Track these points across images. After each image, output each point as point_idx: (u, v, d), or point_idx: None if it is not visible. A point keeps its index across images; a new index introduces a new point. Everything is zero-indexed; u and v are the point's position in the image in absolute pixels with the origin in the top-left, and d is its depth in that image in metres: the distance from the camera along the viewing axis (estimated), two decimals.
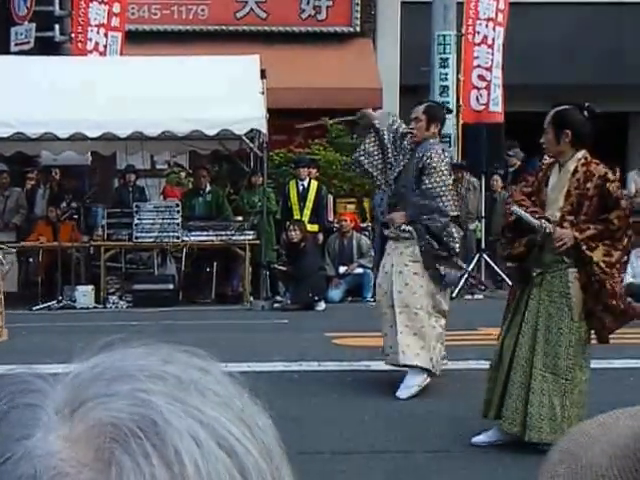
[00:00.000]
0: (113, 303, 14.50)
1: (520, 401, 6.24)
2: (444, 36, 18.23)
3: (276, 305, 14.35)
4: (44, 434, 0.64)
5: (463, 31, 18.50)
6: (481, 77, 18.62)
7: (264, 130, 14.27)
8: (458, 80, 18.52)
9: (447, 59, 18.34)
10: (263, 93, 14.45)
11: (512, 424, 6.27)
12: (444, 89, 18.37)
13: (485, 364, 6.96)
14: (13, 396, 0.67)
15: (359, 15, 19.95)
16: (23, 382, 0.68)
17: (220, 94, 14.04)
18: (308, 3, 19.96)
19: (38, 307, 14.28)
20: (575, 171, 6.31)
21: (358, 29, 19.99)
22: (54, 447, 0.64)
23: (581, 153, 6.35)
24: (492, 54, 18.64)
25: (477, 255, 16.10)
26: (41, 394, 0.67)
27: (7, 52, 17.47)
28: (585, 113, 6.39)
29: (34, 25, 18.25)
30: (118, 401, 0.66)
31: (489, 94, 18.67)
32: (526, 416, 6.19)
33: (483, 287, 16.12)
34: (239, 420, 0.68)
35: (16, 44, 18.19)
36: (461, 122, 18.11)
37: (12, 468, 0.63)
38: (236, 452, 0.67)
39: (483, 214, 16.59)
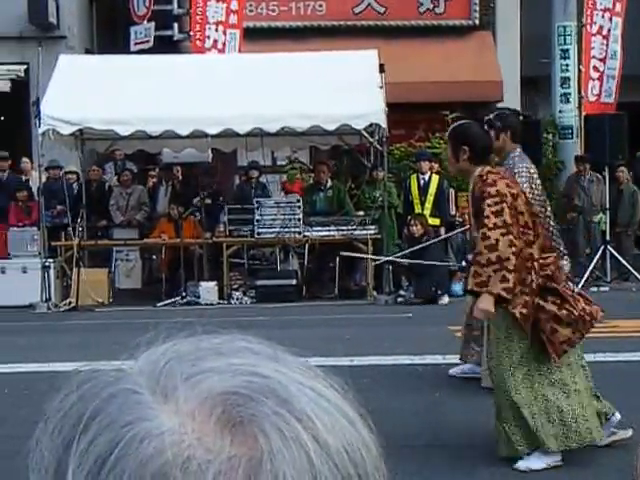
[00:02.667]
0: (237, 299, 14.52)
1: None
2: (564, 27, 17.94)
3: (399, 299, 14.21)
4: (154, 414, 0.65)
5: (583, 21, 18.19)
6: (595, 68, 18.34)
7: (384, 124, 14.16)
8: (579, 71, 18.21)
9: (568, 50, 18.04)
10: (382, 87, 14.32)
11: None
12: (565, 80, 18.07)
13: (614, 357, 6.68)
14: (106, 384, 0.68)
15: (478, 8, 19.71)
16: (109, 372, 0.70)
17: (339, 89, 13.99)
18: None
19: (162, 303, 14.40)
20: (472, 189, 6.00)
21: (477, 22, 19.74)
22: (171, 424, 0.64)
23: (478, 170, 5.99)
24: (607, 45, 18.34)
25: (602, 247, 15.70)
26: (127, 381, 0.68)
27: (127, 51, 17.76)
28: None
29: (153, 24, 18.54)
30: (218, 375, 0.67)
31: (601, 85, 18.38)
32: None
33: (608, 279, 15.75)
34: (339, 393, 0.70)
35: (136, 43, 18.47)
36: (583, 114, 17.80)
37: (134, 450, 0.63)
38: (355, 422, 0.69)
39: (607, 206, 16.17)
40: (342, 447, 0.67)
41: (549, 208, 7.67)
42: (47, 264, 14.51)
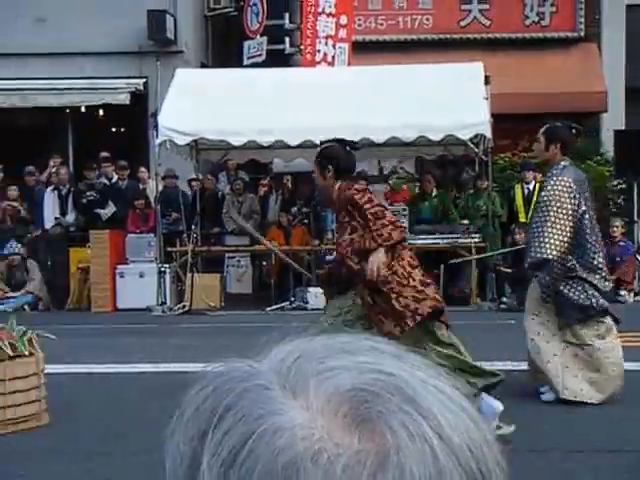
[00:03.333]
0: None
1: None
2: None
3: (502, 306, 14.40)
4: (285, 409, 0.68)
5: None
6: None
7: (489, 135, 14.36)
8: None
9: None
10: (487, 99, 14.54)
11: None
12: None
13: None
14: (240, 380, 0.72)
15: (583, 20, 19.74)
16: (241, 369, 0.73)
17: (445, 100, 14.24)
18: (532, 10, 19.93)
19: (271, 308, 14.86)
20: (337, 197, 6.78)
21: (582, 34, 19.77)
22: (301, 418, 0.68)
23: (337, 184, 6.78)
24: None
25: None
26: (258, 377, 0.71)
27: (240, 65, 18.29)
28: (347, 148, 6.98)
29: (266, 38, 19.01)
30: (345, 372, 0.70)
31: None
32: None
33: None
34: (459, 392, 0.73)
35: (249, 57, 19.00)
36: None
37: (266, 442, 0.67)
38: (476, 420, 0.72)
39: None
40: (465, 444, 0.69)
41: (589, 223, 7.64)
42: (163, 269, 15.04)
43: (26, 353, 7.23)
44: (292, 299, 15.07)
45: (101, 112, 20.04)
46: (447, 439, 0.68)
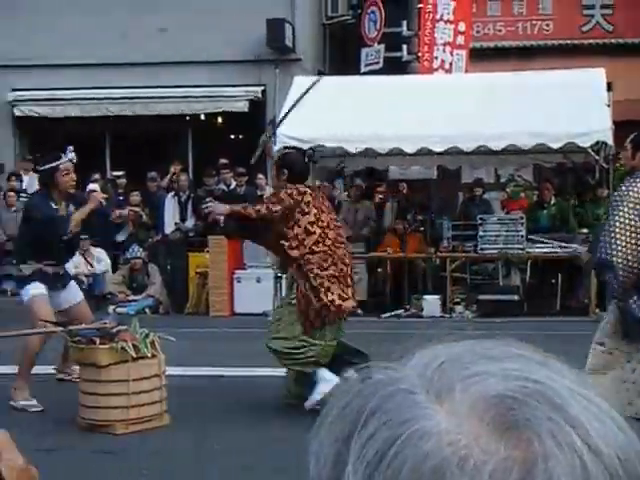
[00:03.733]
0: (459, 313, 14.83)
1: None
2: None
3: None
4: (431, 414, 0.68)
5: None
6: None
7: (610, 142, 14.11)
8: None
9: None
10: (609, 105, 14.29)
11: None
12: None
13: None
14: (383, 385, 0.72)
15: None
16: (385, 372, 0.74)
17: (565, 107, 14.04)
18: None
19: (386, 315, 14.87)
20: None
21: None
22: (447, 424, 0.68)
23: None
24: None
25: None
26: (402, 381, 0.72)
27: (358, 72, 18.37)
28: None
29: (383, 46, 19.06)
30: (491, 378, 0.69)
31: None
32: None
33: None
34: (606, 402, 0.72)
35: (366, 64, 19.07)
36: None
37: (413, 446, 0.67)
38: (626, 430, 0.70)
39: None
40: (614, 454, 0.67)
41: None
42: (279, 275, 15.20)
43: (149, 355, 7.40)
44: (407, 306, 15.04)
45: (220, 119, 20.37)
46: (596, 449, 0.67)
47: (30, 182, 18.02)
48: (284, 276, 15.08)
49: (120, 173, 18.31)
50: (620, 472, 0.67)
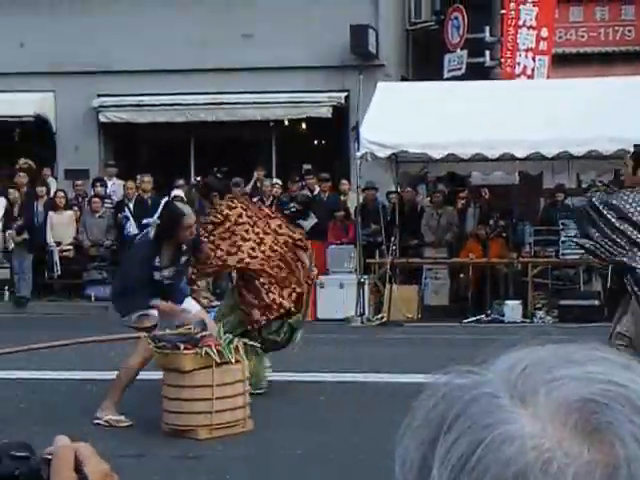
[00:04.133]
0: (540, 318, 14.81)
1: None
2: None
3: None
4: (514, 418, 0.69)
5: None
6: None
7: None
8: None
9: None
10: None
11: None
12: None
13: None
14: (467, 389, 0.72)
15: None
16: (469, 376, 0.74)
17: None
18: None
19: (468, 320, 14.91)
20: None
21: None
22: (531, 428, 0.68)
23: None
24: None
25: None
26: (486, 385, 0.72)
27: (440, 78, 18.39)
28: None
29: (466, 52, 19.06)
30: (574, 382, 0.70)
31: None
32: None
33: None
34: None
35: (449, 70, 19.08)
36: None
37: (496, 451, 0.67)
38: None
39: None
40: None
41: None
42: (362, 280, 15.28)
43: (232, 360, 7.55)
44: (488, 312, 15.08)
45: (303, 125, 20.54)
46: None
47: (114, 188, 18.45)
48: (366, 282, 15.29)
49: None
50: None
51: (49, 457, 1.05)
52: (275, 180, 18.20)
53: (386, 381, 9.61)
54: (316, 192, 17.38)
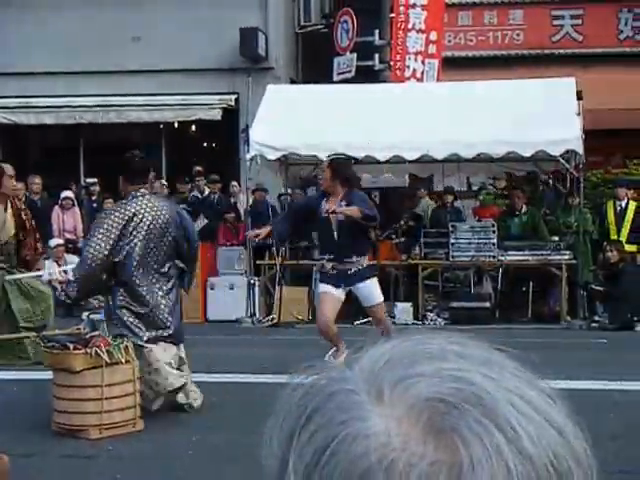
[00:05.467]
0: (431, 320, 14.91)
1: None
2: None
3: (593, 325, 14.24)
4: (367, 415, 0.69)
5: None
6: None
7: (580, 151, 14.21)
8: None
9: None
10: (580, 114, 14.41)
11: None
12: None
13: None
14: (329, 384, 0.72)
15: None
16: (333, 371, 0.74)
17: (536, 116, 14.15)
18: (626, 24, 19.73)
19: (359, 322, 14.88)
20: None
21: None
22: (381, 426, 0.68)
23: None
24: None
25: None
26: (348, 381, 0.72)
27: (330, 81, 18.43)
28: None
29: (355, 55, 19.15)
30: (427, 380, 0.69)
31: None
32: None
33: None
34: (551, 401, 0.72)
35: (338, 73, 19.15)
36: None
37: (346, 448, 0.67)
38: (564, 432, 0.70)
39: None
40: (547, 458, 0.67)
41: None
42: (252, 282, 15.22)
43: (122, 360, 7.41)
44: None
45: (193, 127, 20.40)
46: (525, 453, 0.67)
47: None
48: (256, 283, 15.19)
49: (93, 180, 18.30)
50: (552, 476, 0.67)
51: None
52: (163, 181, 17.97)
53: (275, 382, 9.51)
54: (206, 193, 17.25)
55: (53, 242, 16.15)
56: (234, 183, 17.53)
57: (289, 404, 0.74)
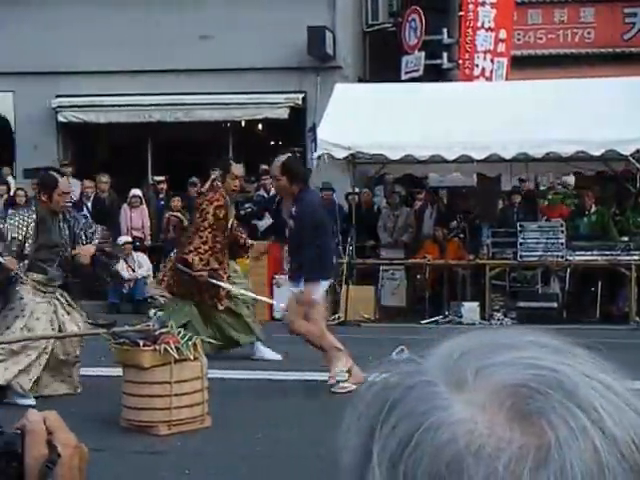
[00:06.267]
0: (498, 320, 14.82)
1: None
2: None
3: None
4: (448, 404, 0.70)
5: None
6: None
7: None
8: None
9: None
10: None
11: None
12: None
13: None
14: (406, 377, 0.74)
15: None
16: (408, 365, 0.75)
17: (606, 115, 14.01)
18: None
19: (426, 321, 14.89)
20: None
21: None
22: (465, 414, 0.69)
23: None
24: None
25: None
26: (425, 373, 0.73)
27: (398, 80, 18.40)
28: None
29: (423, 53, 19.10)
30: (507, 367, 0.71)
31: None
32: None
33: None
34: (627, 387, 0.73)
35: (406, 72, 19.11)
36: None
37: (432, 436, 0.69)
38: None
39: None
40: (630, 438, 0.68)
41: None
42: None
43: (191, 357, 7.48)
44: (446, 313, 15.07)
45: (260, 126, 20.50)
46: (609, 434, 0.68)
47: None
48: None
49: (161, 178, 18.49)
50: (636, 456, 0.68)
51: (20, 431, 1.07)
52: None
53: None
54: (272, 193, 17.30)
55: (121, 240, 16.34)
56: None
57: (366, 399, 0.75)
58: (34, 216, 8.76)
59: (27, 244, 8.66)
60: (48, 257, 8.75)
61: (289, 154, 10.06)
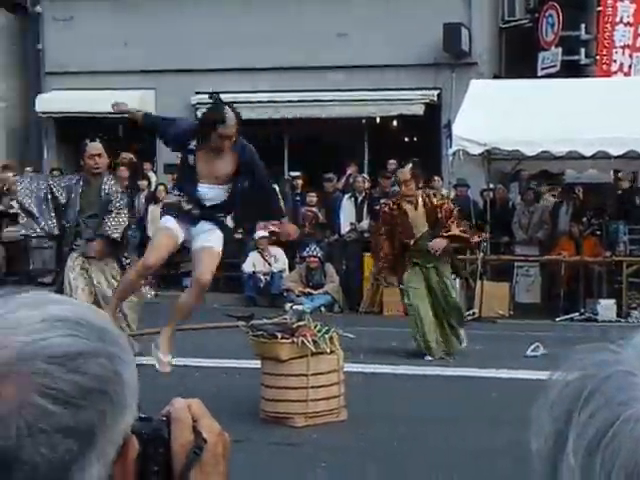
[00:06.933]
0: (635, 317, 14.61)
1: None
2: None
3: None
4: None
5: None
6: None
7: None
8: None
9: None
10: None
11: None
12: None
13: None
14: (603, 366, 0.73)
15: None
16: (606, 354, 0.75)
17: None
18: None
19: (561, 318, 14.78)
20: None
21: None
22: None
23: None
24: None
25: None
26: (623, 363, 0.73)
27: (534, 76, 18.25)
28: None
29: (560, 49, 18.90)
30: None
31: None
32: None
33: None
34: None
35: (543, 68, 18.94)
36: None
37: (631, 427, 0.68)
38: None
39: None
40: None
41: None
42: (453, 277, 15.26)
43: (327, 350, 7.62)
44: (582, 310, 14.93)
45: (395, 122, 20.58)
46: None
47: None
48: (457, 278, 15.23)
49: (297, 174, 18.76)
50: None
51: (166, 418, 1.07)
52: (365, 175, 18.26)
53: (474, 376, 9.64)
54: None
55: (258, 234, 16.64)
56: (436, 178, 17.59)
57: (560, 386, 0.76)
58: None
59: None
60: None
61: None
